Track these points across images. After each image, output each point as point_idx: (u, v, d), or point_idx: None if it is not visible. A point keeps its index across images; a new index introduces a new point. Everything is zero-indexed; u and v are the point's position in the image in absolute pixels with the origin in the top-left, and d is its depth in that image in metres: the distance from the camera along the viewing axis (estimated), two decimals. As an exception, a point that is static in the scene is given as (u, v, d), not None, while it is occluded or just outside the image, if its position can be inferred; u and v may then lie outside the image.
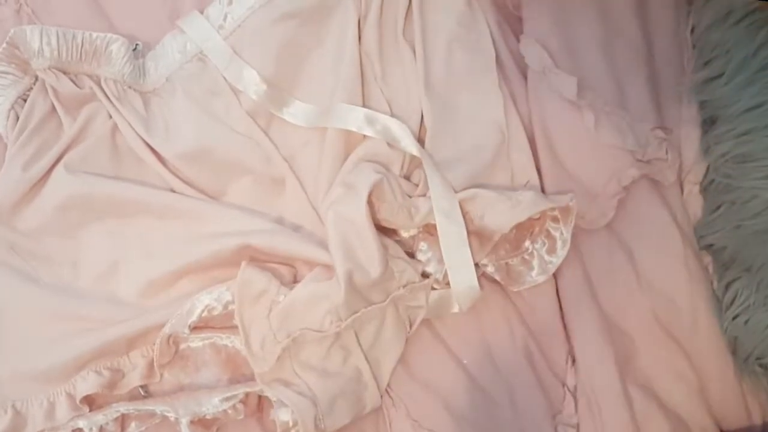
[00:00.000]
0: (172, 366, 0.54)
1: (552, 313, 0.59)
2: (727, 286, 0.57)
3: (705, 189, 0.59)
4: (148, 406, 0.52)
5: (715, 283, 0.58)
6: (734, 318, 0.56)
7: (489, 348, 0.58)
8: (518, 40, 0.62)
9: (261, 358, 0.51)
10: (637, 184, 0.59)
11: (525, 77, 0.62)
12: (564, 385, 0.58)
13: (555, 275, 0.58)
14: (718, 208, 0.58)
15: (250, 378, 0.53)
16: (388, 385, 0.56)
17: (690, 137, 0.60)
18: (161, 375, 0.54)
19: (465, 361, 0.57)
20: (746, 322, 0.56)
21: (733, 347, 0.57)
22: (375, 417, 0.56)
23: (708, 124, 0.59)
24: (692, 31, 0.61)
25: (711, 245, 0.59)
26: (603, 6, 0.62)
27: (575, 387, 0.58)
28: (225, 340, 0.55)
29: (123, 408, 0.52)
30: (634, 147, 0.59)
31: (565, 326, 0.59)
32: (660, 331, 0.57)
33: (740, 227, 0.57)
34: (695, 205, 0.60)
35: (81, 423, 0.52)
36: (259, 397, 0.55)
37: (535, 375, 0.58)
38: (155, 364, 0.53)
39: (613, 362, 0.56)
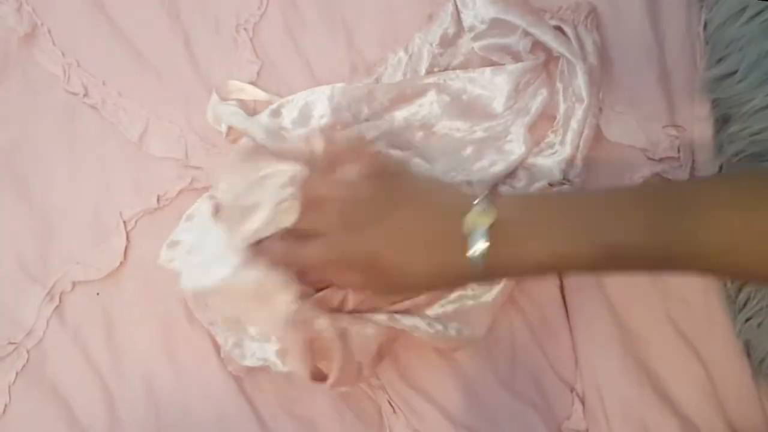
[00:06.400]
0: None
1: (558, 315, 0.58)
2: (740, 289, 0.56)
3: (718, 189, 0.58)
4: None
5: (729, 285, 0.57)
6: (746, 321, 0.55)
7: (490, 354, 0.57)
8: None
9: None
10: (649, 183, 0.58)
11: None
12: (572, 390, 0.57)
13: (562, 275, 0.58)
14: (731, 208, 0.57)
15: None
16: (389, 393, 0.56)
17: (702, 136, 0.59)
18: None
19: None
20: (759, 325, 0.55)
21: (747, 350, 0.56)
22: (378, 425, 0.56)
23: (721, 122, 0.58)
24: (705, 27, 0.60)
25: (723, 246, 0.58)
26: (613, 2, 0.61)
27: (584, 392, 0.57)
28: None
29: None
30: (645, 146, 0.58)
31: (571, 328, 0.58)
32: (673, 332, 0.56)
33: (753, 228, 0.55)
34: (708, 204, 0.59)
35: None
36: None
37: (539, 382, 0.57)
38: None
39: (622, 363, 0.55)
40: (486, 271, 0.40)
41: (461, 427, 0.55)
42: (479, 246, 0.39)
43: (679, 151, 0.58)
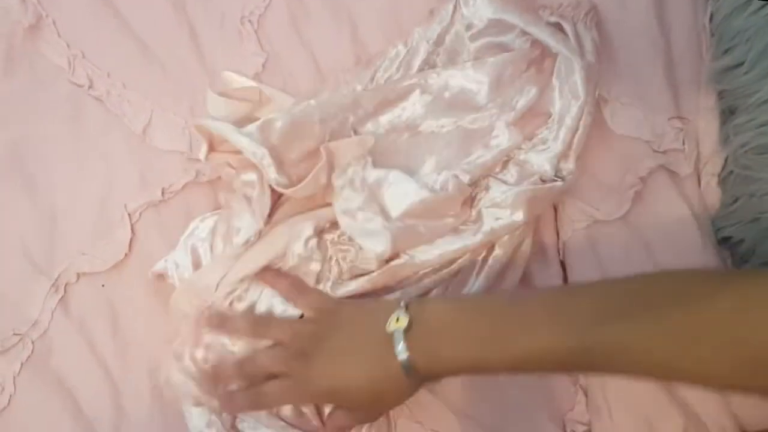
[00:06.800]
0: None
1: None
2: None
3: (723, 180, 0.58)
4: None
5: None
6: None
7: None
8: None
9: None
10: (654, 175, 0.58)
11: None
12: (576, 382, 0.57)
13: (567, 267, 0.58)
14: (737, 200, 0.57)
15: None
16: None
17: (708, 127, 0.59)
18: None
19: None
20: (764, 317, 0.55)
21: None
22: (382, 417, 0.55)
23: (727, 114, 0.58)
24: (711, 18, 0.59)
25: (729, 238, 0.58)
26: (619, -7, 0.61)
27: (587, 384, 0.56)
28: None
29: None
30: (650, 138, 0.58)
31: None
32: (677, 326, 0.56)
33: (759, 220, 0.55)
34: (713, 196, 0.59)
35: None
36: None
37: (543, 374, 0.56)
38: None
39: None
40: (417, 372, 0.44)
41: (465, 419, 0.55)
42: (400, 347, 0.44)
43: (683, 142, 0.58)
